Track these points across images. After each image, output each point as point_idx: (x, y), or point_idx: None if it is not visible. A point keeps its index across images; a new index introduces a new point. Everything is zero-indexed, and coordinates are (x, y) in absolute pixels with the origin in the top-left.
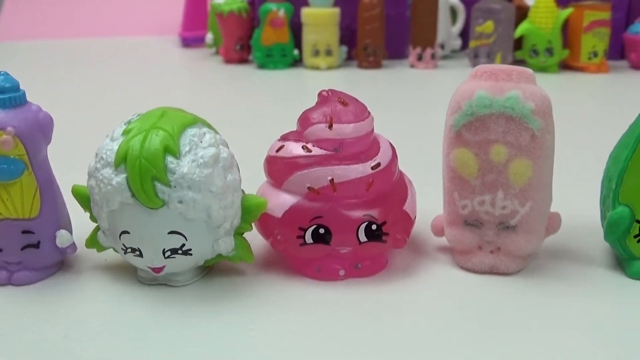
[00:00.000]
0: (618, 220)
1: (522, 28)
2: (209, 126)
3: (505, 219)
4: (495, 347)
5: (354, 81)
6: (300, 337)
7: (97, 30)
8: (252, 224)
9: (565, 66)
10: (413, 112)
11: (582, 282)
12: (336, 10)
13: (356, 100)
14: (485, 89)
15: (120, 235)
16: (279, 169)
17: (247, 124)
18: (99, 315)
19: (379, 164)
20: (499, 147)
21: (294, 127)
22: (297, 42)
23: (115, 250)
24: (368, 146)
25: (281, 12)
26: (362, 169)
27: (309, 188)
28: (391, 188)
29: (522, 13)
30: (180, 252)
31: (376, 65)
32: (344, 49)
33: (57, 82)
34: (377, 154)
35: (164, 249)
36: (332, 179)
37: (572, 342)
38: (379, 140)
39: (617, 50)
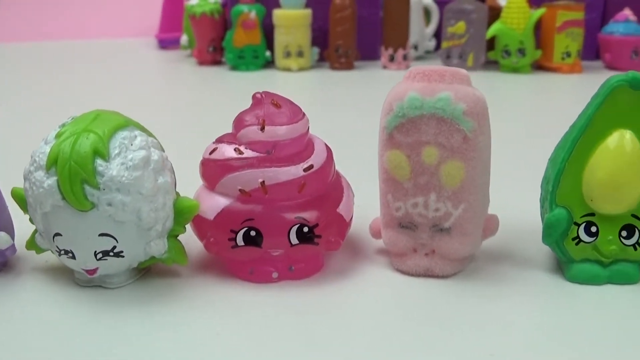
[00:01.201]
0: (555, 223)
1: (494, 28)
2: (142, 129)
3: (438, 221)
4: (426, 349)
5: (325, 82)
6: (225, 338)
7: (74, 33)
8: (187, 226)
9: (539, 67)
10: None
11: (520, 285)
12: (308, 12)
13: (290, 102)
14: (417, 91)
15: (53, 238)
16: (211, 171)
17: (217, 125)
18: (33, 316)
19: (311, 166)
20: (431, 149)
21: None
22: (270, 43)
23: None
24: (302, 148)
25: (252, 14)
26: (294, 171)
27: (240, 190)
28: (326, 190)
29: (494, 14)
30: (111, 254)
31: (348, 66)
32: (316, 50)
33: (30, 85)
34: (311, 156)
35: (96, 251)
36: (263, 181)
37: (503, 346)
38: (314, 142)
39: (593, 51)
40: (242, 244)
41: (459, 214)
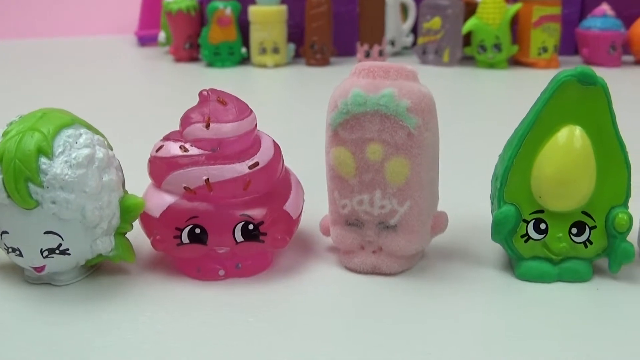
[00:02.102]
0: (503, 220)
1: (470, 24)
2: (89, 127)
3: (384, 218)
4: (363, 347)
5: (301, 79)
6: (169, 336)
7: (54, 31)
8: (135, 224)
9: (516, 62)
10: None
11: (469, 283)
12: (283, 8)
13: (237, 99)
14: (361, 87)
15: (1, 235)
16: (158, 169)
17: None
18: None
19: (257, 163)
20: (375, 146)
21: None
22: (245, 40)
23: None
24: (249, 145)
25: (228, 11)
26: (238, 169)
27: (185, 188)
28: (273, 187)
29: (471, 9)
30: (57, 251)
31: (324, 62)
32: (292, 46)
33: (6, 83)
34: (257, 153)
35: (42, 249)
36: (208, 179)
37: (442, 344)
38: (262, 139)
39: (571, 46)
40: (187, 241)
41: (404, 211)
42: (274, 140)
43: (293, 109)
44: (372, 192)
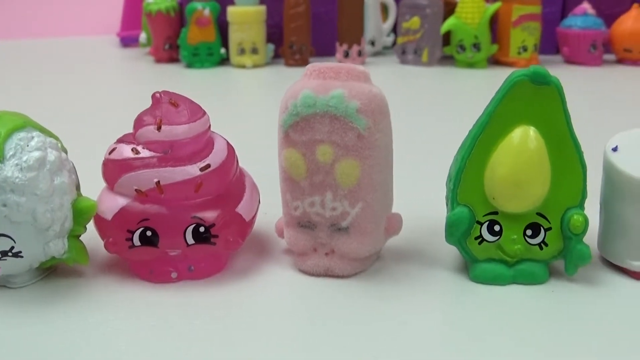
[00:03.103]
0: (456, 222)
1: (448, 23)
2: (42, 129)
3: (336, 220)
4: (316, 350)
5: (279, 79)
6: (112, 338)
7: (37, 31)
8: (91, 226)
9: (495, 61)
10: None
11: (423, 285)
12: (262, 8)
13: (190, 101)
14: (311, 88)
15: None
16: (110, 172)
17: None
18: None
19: (208, 165)
20: (325, 147)
21: (218, 125)
22: (225, 40)
23: None
24: (201, 147)
25: (206, 11)
26: (190, 171)
27: (136, 190)
28: (226, 190)
29: (450, 8)
30: (10, 254)
31: (303, 62)
32: (271, 47)
33: None
34: (209, 155)
35: None
36: (159, 181)
37: (390, 348)
38: (215, 141)
39: (553, 45)
40: (139, 244)
41: (356, 213)
42: (228, 142)
43: (272, 109)
44: (323, 194)
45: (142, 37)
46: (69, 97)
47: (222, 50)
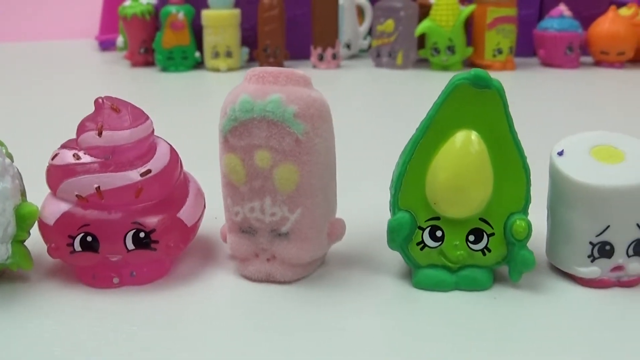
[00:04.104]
0: (397, 227)
1: (423, 26)
2: None
3: (276, 226)
4: (253, 356)
5: None
6: (49, 343)
7: (17, 35)
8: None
9: (471, 64)
10: None
11: (365, 291)
12: (236, 12)
13: (132, 106)
14: (249, 93)
15: None
16: (53, 177)
17: None
18: None
19: (149, 171)
20: (263, 153)
21: (190, 129)
22: (199, 44)
23: None
24: (144, 152)
25: (181, 15)
26: (130, 176)
27: (77, 196)
28: (169, 195)
29: (425, 11)
30: None
31: (277, 66)
32: (246, 50)
33: None
34: (150, 161)
35: None
36: (99, 187)
37: (323, 354)
38: (158, 146)
39: (530, 47)
40: (80, 249)
41: (295, 219)
42: (171, 147)
43: None
44: (263, 199)
45: (119, 40)
46: (40, 101)
47: (197, 54)
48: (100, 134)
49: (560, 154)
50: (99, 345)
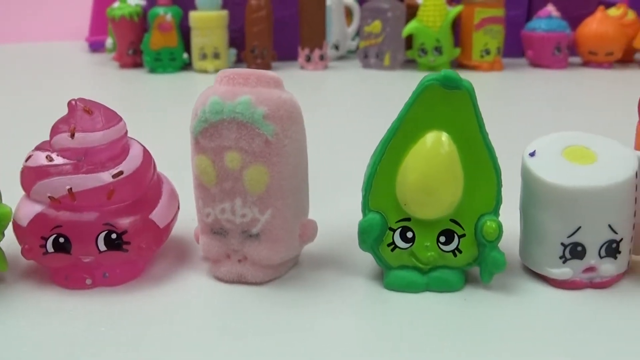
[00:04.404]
0: (368, 228)
1: (410, 27)
2: None
3: (247, 227)
4: (225, 358)
5: None
6: (18, 344)
7: (7, 36)
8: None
9: (459, 65)
10: None
11: (336, 292)
12: (224, 13)
13: (105, 108)
14: (219, 95)
15: None
16: (27, 178)
17: (131, 128)
18: None
19: (121, 172)
20: (233, 154)
21: (176, 130)
22: (187, 45)
23: None
24: (117, 154)
25: (168, 16)
26: (102, 178)
27: (49, 197)
28: (142, 196)
29: (412, 12)
30: None
31: (265, 67)
32: (233, 51)
33: None
34: (122, 162)
35: None
36: (71, 188)
37: (303, 355)
38: (131, 148)
39: (518, 48)
40: (52, 250)
41: (266, 220)
42: (144, 149)
43: None
44: (233, 201)
45: (108, 42)
46: (25, 103)
47: (185, 55)
48: (72, 136)
49: (532, 154)
50: (70, 346)
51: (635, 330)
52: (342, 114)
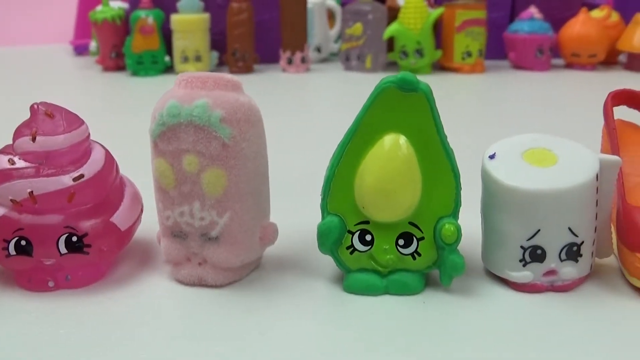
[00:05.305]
0: (326, 231)
1: (391, 29)
2: None
3: (205, 230)
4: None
5: None
6: None
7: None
8: None
9: (441, 67)
10: (277, 116)
11: (295, 295)
12: (205, 16)
13: (67, 111)
14: (176, 98)
15: None
16: None
17: (106, 131)
18: None
19: (82, 175)
20: (191, 157)
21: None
22: (169, 48)
23: None
24: (78, 157)
25: (150, 19)
26: (63, 181)
27: (11, 200)
28: (105, 199)
29: (394, 14)
30: None
31: (246, 69)
32: (215, 54)
33: None
34: (84, 165)
35: None
36: (32, 191)
37: (257, 357)
38: (93, 151)
39: (501, 50)
40: (14, 253)
41: (224, 223)
42: (106, 152)
43: None
44: (192, 204)
45: (92, 45)
46: (5, 106)
47: (167, 58)
48: (34, 139)
49: (492, 157)
50: (25, 348)
51: (594, 333)
52: (322, 116)
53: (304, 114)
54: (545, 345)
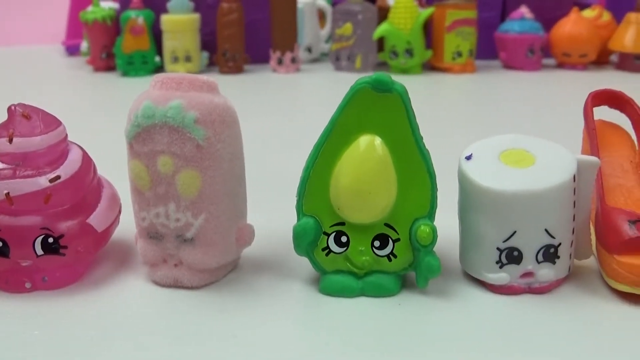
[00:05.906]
0: (301, 233)
1: (381, 29)
2: None
3: (181, 231)
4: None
5: None
6: None
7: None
8: None
9: (432, 67)
10: (268, 116)
11: (271, 296)
12: (195, 17)
13: (45, 113)
14: (151, 99)
15: None
16: None
17: (96, 132)
18: None
19: (58, 177)
20: (165, 158)
21: None
22: (160, 48)
23: None
24: (55, 158)
25: (140, 20)
26: (39, 182)
27: None
28: (82, 200)
29: (384, 14)
30: None
31: (237, 70)
32: (205, 54)
33: None
34: (60, 167)
35: None
36: (8, 193)
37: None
38: (70, 152)
39: (492, 50)
40: None
41: (200, 224)
42: (84, 154)
43: None
44: (167, 205)
45: (84, 45)
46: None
47: (157, 59)
48: (10, 141)
49: (469, 158)
50: (0, 349)
51: (572, 335)
52: (312, 117)
53: (294, 114)
54: (522, 347)
